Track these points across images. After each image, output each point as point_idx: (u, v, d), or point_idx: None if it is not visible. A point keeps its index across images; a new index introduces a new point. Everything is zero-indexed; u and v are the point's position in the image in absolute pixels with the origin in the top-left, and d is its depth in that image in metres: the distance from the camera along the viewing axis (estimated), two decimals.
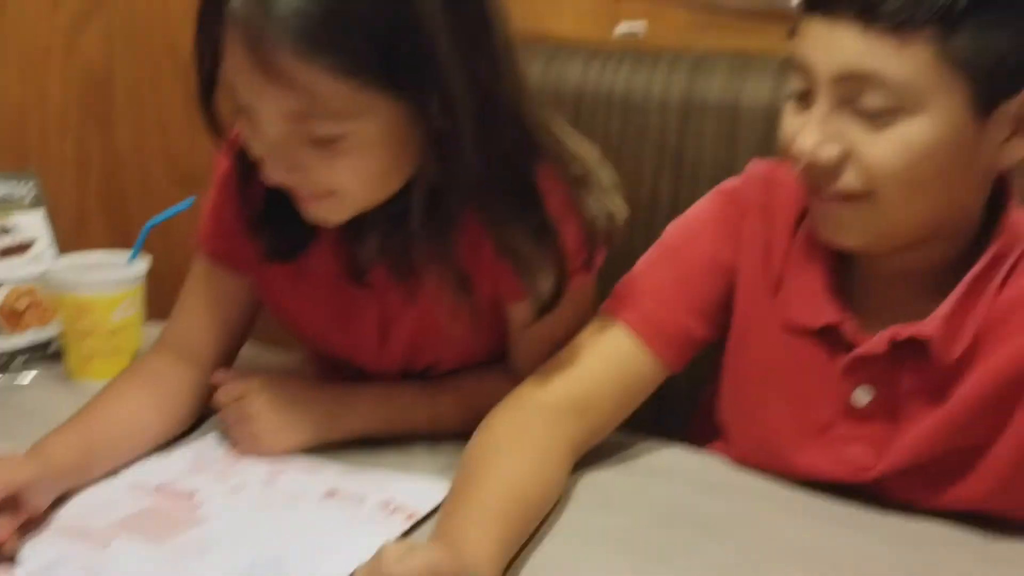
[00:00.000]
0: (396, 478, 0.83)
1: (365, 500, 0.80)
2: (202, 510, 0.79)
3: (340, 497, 0.80)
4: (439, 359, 0.92)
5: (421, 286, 0.84)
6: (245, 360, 0.96)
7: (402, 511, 0.78)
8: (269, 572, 0.71)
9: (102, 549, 0.73)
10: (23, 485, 0.73)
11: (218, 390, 0.88)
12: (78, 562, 0.72)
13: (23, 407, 0.98)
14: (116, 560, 0.72)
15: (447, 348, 0.90)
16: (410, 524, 0.77)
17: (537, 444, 0.79)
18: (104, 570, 0.71)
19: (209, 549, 0.74)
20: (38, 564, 0.72)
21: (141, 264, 1.04)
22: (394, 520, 0.77)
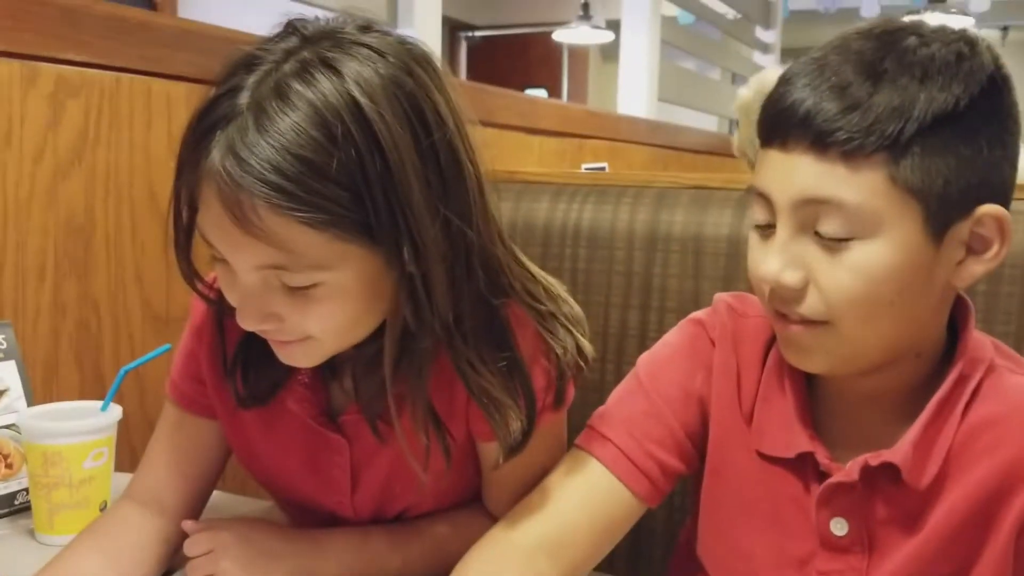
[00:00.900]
0: None
1: None
2: None
3: None
4: (411, 505, 0.90)
5: (393, 430, 0.83)
6: (213, 508, 0.94)
7: None
8: None
9: None
10: None
11: (185, 542, 0.85)
12: None
13: None
14: None
15: (420, 494, 0.88)
16: None
17: None
18: None
19: None
20: None
21: (114, 412, 1.03)
22: None
